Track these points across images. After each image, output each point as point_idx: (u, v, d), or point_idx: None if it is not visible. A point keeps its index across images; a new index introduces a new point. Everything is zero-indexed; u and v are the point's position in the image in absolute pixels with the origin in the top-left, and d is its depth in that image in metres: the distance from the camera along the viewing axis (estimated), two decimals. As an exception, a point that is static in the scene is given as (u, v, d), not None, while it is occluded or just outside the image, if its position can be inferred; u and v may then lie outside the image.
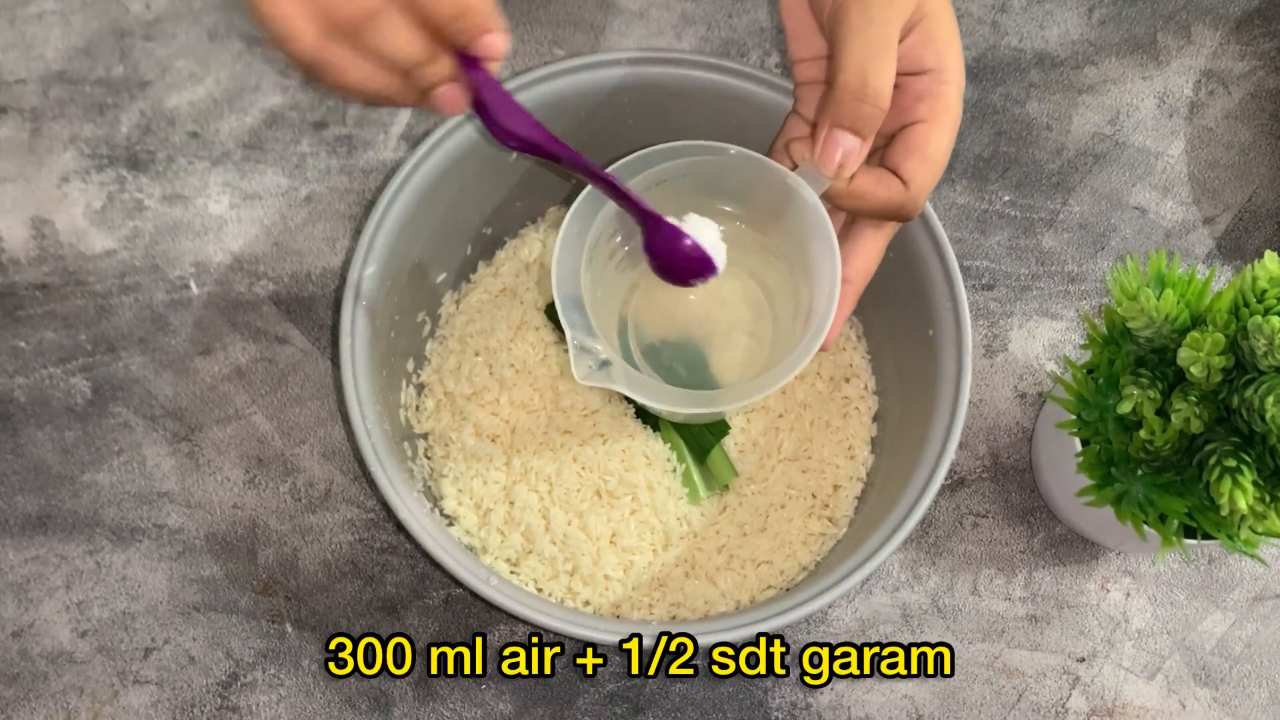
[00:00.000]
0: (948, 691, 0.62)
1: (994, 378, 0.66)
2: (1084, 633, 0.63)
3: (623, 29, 0.71)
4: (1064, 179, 0.70)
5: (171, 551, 0.62)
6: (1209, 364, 0.47)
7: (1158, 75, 0.72)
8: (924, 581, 0.63)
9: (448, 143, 0.58)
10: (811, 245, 0.48)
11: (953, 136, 0.47)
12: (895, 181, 0.47)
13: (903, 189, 0.46)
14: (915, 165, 0.46)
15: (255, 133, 0.69)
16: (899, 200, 0.47)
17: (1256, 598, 0.64)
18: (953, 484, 0.65)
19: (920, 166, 0.46)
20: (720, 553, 0.60)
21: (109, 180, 0.67)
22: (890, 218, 0.48)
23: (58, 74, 0.69)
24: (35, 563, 0.62)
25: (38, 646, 0.61)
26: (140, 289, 0.66)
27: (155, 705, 0.60)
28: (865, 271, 0.49)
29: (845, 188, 0.46)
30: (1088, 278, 0.68)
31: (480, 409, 0.61)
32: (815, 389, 0.63)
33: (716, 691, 0.61)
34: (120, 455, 0.64)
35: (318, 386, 0.65)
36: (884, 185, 0.47)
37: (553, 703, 0.61)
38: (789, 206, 0.49)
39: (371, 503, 0.63)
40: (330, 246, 0.67)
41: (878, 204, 0.47)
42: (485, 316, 0.63)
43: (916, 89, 0.47)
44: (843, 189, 0.46)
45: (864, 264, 0.49)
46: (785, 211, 0.49)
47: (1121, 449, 0.52)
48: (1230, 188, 0.70)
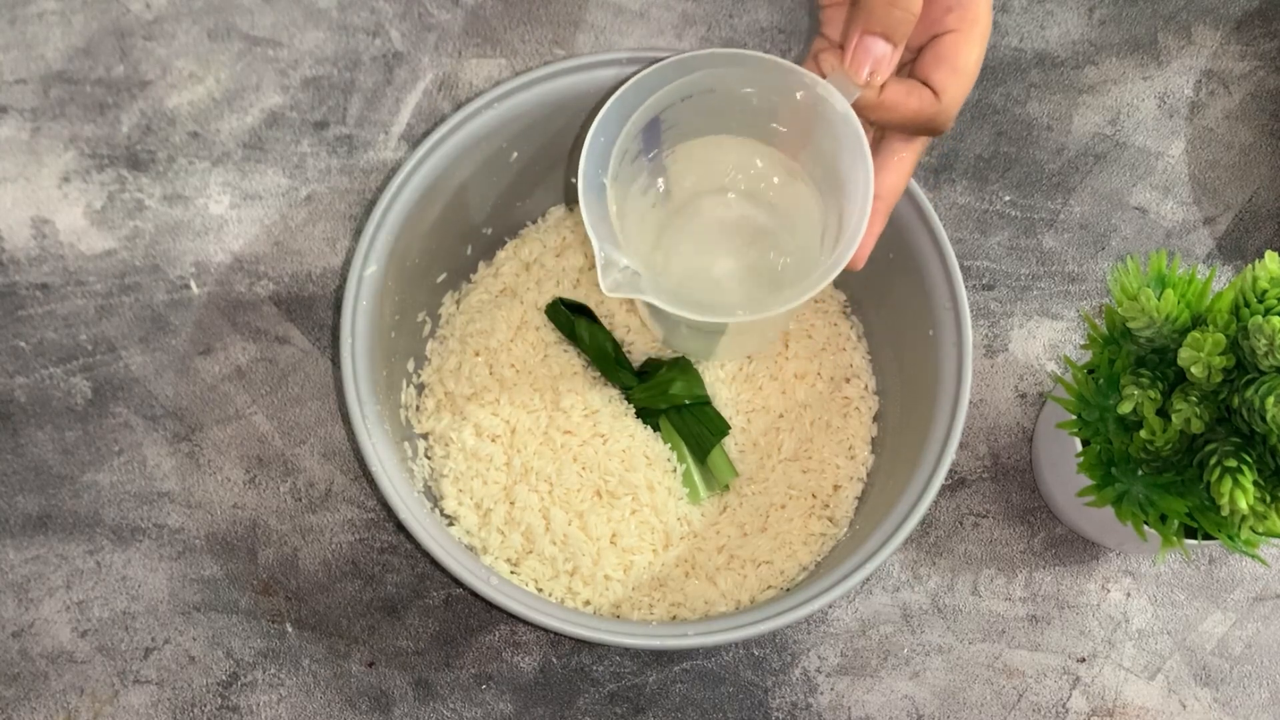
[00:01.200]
0: (948, 691, 0.62)
1: (994, 378, 0.66)
2: (1084, 633, 0.63)
3: (623, 29, 0.71)
4: (1064, 179, 0.70)
5: (172, 551, 0.62)
6: (1209, 364, 0.47)
7: (1158, 75, 0.72)
8: (924, 582, 0.63)
9: (448, 143, 0.58)
10: (842, 159, 0.47)
11: (983, 48, 0.47)
12: (926, 92, 0.46)
13: (933, 99, 0.46)
14: (946, 75, 0.46)
15: (255, 132, 0.69)
16: (930, 111, 0.46)
17: (1257, 598, 0.64)
18: (953, 484, 0.65)
19: (951, 77, 0.46)
20: (720, 553, 0.60)
21: (109, 180, 0.67)
22: (921, 131, 0.47)
23: (58, 74, 0.69)
24: (36, 562, 0.62)
25: (38, 646, 0.61)
26: (140, 289, 0.66)
27: (155, 705, 0.60)
28: (895, 189, 0.48)
29: (875, 98, 0.45)
30: (1088, 278, 0.68)
31: (480, 409, 0.61)
32: (815, 389, 0.63)
33: (717, 692, 0.61)
34: (121, 455, 0.64)
35: (318, 386, 0.65)
36: (915, 95, 0.46)
37: (553, 703, 0.61)
38: (819, 123, 0.47)
39: (372, 503, 0.63)
40: (330, 246, 0.67)
41: (909, 115, 0.46)
42: (485, 316, 0.63)
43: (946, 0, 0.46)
44: (873, 99, 0.45)
45: (894, 180, 0.48)
46: (815, 129, 0.48)
47: (1122, 449, 0.52)
48: (1231, 188, 0.70)
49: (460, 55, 0.70)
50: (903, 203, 0.58)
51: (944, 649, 0.62)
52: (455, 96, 0.70)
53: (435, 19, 0.71)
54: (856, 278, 0.64)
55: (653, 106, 0.48)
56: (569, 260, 0.64)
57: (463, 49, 0.70)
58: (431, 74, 0.70)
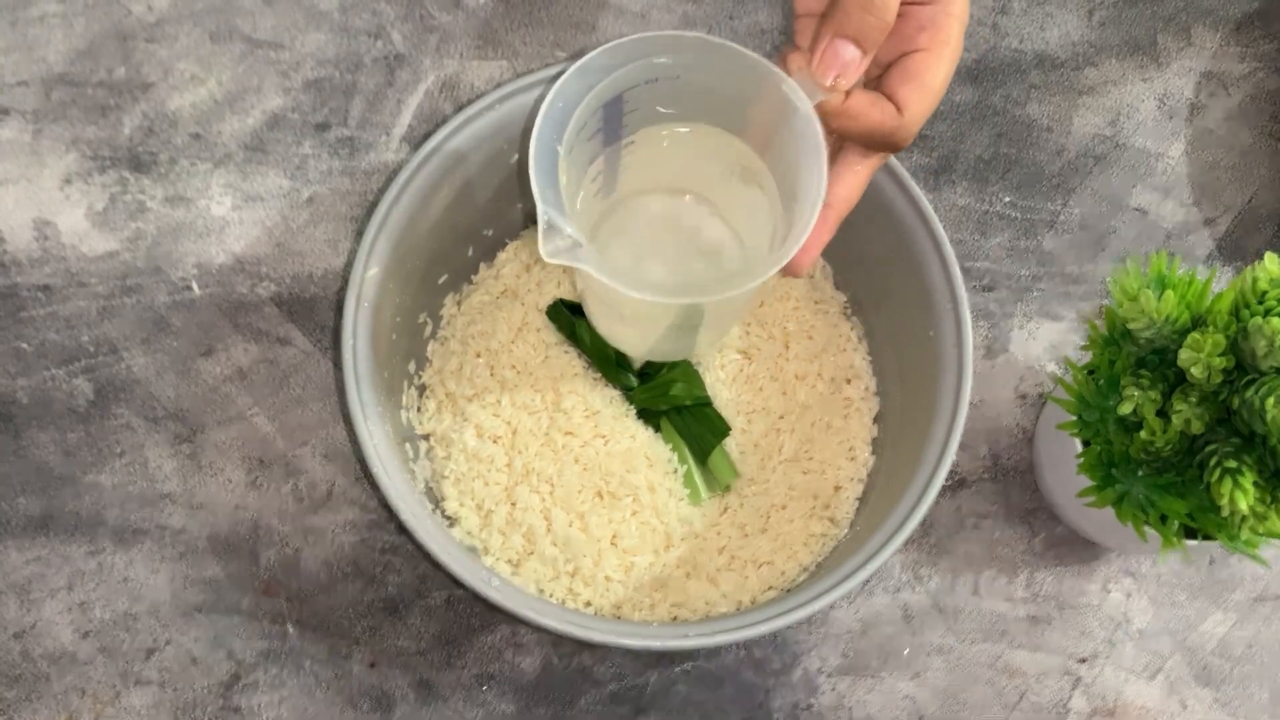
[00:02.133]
0: (949, 692, 0.62)
1: (995, 379, 0.67)
2: (1085, 633, 0.63)
3: (624, 31, 0.71)
4: (1064, 180, 0.70)
5: (173, 552, 0.62)
6: (1209, 365, 0.47)
7: (1158, 77, 0.72)
8: (925, 582, 0.63)
9: (449, 145, 0.58)
10: (800, 160, 0.47)
11: (950, 70, 0.47)
12: (890, 106, 0.46)
13: (896, 114, 0.46)
14: (912, 92, 0.46)
15: (257, 134, 0.69)
16: (892, 125, 0.46)
17: (1257, 598, 0.64)
18: (954, 485, 0.65)
19: (917, 94, 0.46)
20: (721, 554, 0.60)
21: (111, 182, 0.68)
22: (880, 144, 0.47)
23: (60, 76, 0.69)
24: (37, 563, 0.62)
25: (40, 647, 0.61)
26: (142, 290, 0.66)
27: (157, 706, 0.60)
28: (848, 199, 0.48)
29: (839, 104, 0.45)
30: (1088, 279, 0.68)
31: (482, 410, 0.61)
32: (816, 390, 0.63)
33: (718, 692, 0.61)
34: (122, 456, 0.64)
35: (319, 388, 0.65)
36: (878, 107, 0.46)
37: (554, 703, 0.61)
38: (782, 122, 0.47)
39: (373, 504, 0.63)
40: (332, 248, 0.67)
41: (870, 126, 0.46)
42: (486, 318, 0.63)
43: (920, 18, 0.46)
44: (837, 105, 0.45)
45: (846, 191, 0.48)
46: (781, 129, 0.47)
47: (1122, 450, 0.52)
48: (1230, 189, 0.70)
49: (462, 57, 0.70)
50: (903, 204, 0.58)
51: (945, 649, 0.62)
52: (456, 98, 0.70)
53: (437, 21, 0.71)
54: (858, 279, 0.64)
55: (615, 84, 0.47)
56: (570, 261, 0.64)
57: (464, 51, 0.71)
58: (433, 76, 0.70)
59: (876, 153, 0.48)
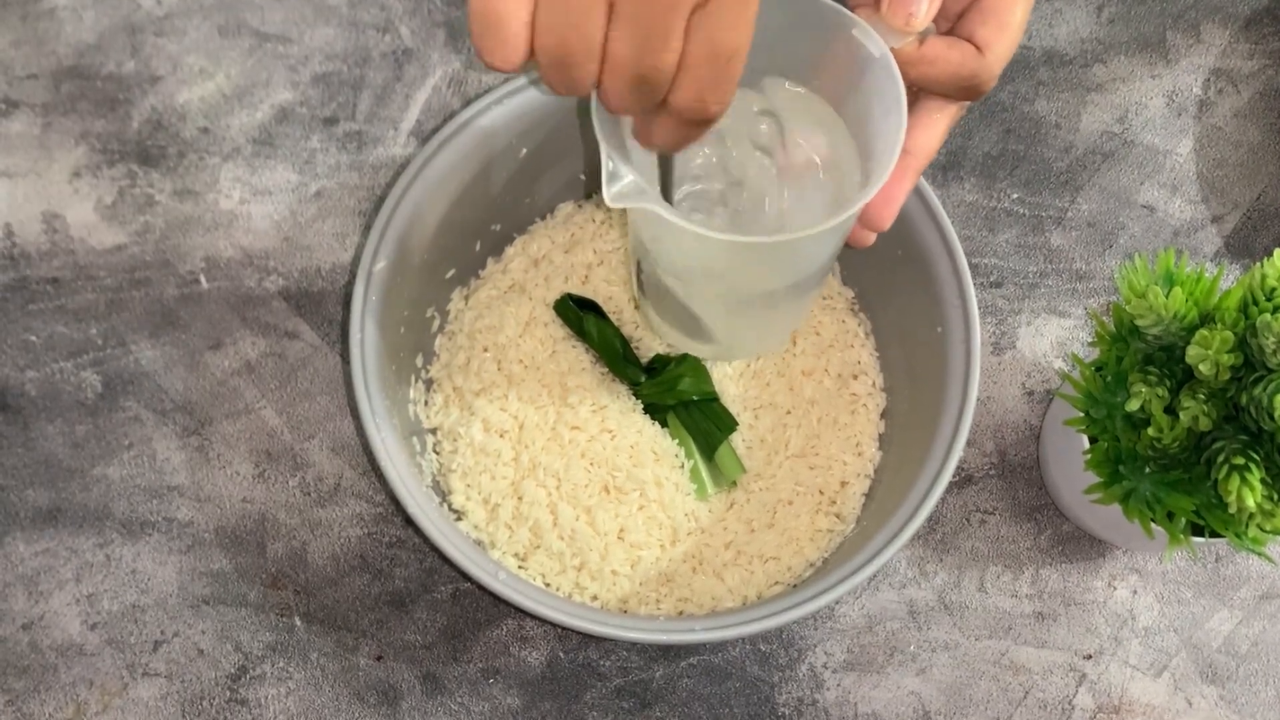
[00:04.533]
0: (954, 688, 0.62)
1: (1002, 375, 0.67)
2: (1091, 630, 0.63)
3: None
4: (1072, 177, 0.70)
5: (181, 545, 0.63)
6: (1217, 362, 0.47)
7: (1167, 74, 0.72)
8: (931, 578, 0.63)
9: (457, 139, 0.58)
10: (875, 109, 0.44)
11: (1028, 9, 0.44)
12: (969, 47, 0.44)
13: (977, 54, 0.44)
14: (992, 31, 0.44)
15: (266, 128, 0.69)
16: (973, 66, 0.44)
17: (1264, 596, 0.64)
18: (960, 481, 0.65)
19: (997, 33, 0.44)
20: (728, 549, 0.60)
21: (120, 175, 0.68)
22: (962, 91, 0.45)
23: (69, 69, 0.69)
24: (45, 555, 0.62)
25: (48, 639, 0.61)
26: (150, 283, 0.66)
27: (164, 698, 0.61)
28: (928, 148, 0.46)
29: (916, 50, 0.43)
30: (1096, 276, 0.68)
31: (489, 404, 0.61)
32: (823, 386, 0.63)
33: (723, 687, 0.61)
34: (130, 449, 0.64)
35: (327, 381, 0.65)
36: (957, 49, 0.44)
37: (560, 697, 0.61)
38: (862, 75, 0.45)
39: (380, 497, 0.64)
40: (340, 242, 0.67)
41: (951, 70, 0.44)
42: (494, 312, 0.63)
43: None
44: (912, 53, 0.43)
45: (927, 138, 0.46)
46: (859, 81, 0.45)
47: (1129, 446, 0.52)
48: (1239, 186, 0.70)
49: (470, 52, 0.70)
50: (911, 200, 0.58)
51: (950, 645, 0.62)
52: (464, 93, 0.70)
53: (445, 15, 0.71)
54: (865, 274, 0.64)
55: None
56: (578, 256, 0.64)
57: (472, 46, 0.71)
58: (441, 70, 0.70)
59: (956, 101, 0.46)
